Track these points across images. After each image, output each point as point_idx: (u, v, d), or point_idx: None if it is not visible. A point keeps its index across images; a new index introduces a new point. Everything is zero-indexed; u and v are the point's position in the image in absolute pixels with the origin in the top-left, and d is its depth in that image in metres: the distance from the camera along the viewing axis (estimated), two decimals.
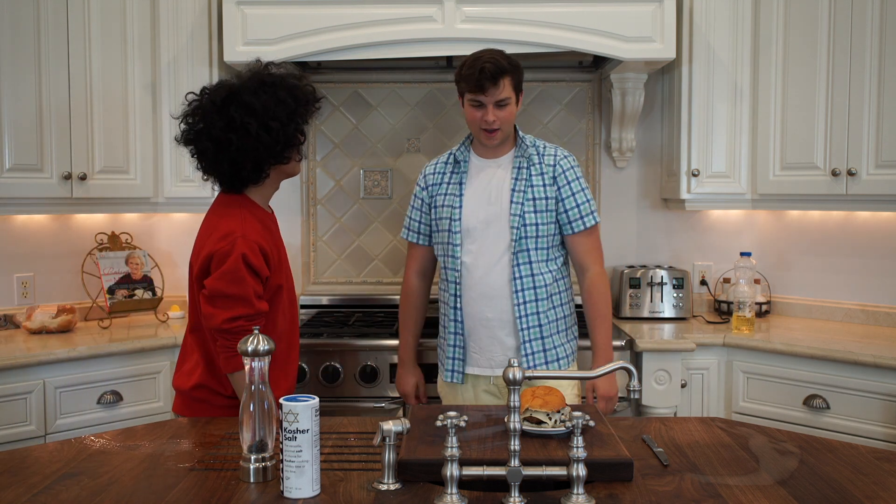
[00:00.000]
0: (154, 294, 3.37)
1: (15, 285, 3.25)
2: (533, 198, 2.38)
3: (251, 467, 1.54)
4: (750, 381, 2.94)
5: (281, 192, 2.31)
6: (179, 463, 1.65)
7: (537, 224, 2.38)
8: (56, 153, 3.03)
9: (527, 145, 2.43)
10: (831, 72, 2.98)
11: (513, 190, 2.39)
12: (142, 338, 2.96)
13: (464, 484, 1.44)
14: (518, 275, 2.37)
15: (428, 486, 1.49)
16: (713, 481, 1.53)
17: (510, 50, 2.41)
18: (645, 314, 3.37)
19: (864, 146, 2.91)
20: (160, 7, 3.20)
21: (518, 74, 2.34)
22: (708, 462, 1.64)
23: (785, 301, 3.47)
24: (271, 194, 2.23)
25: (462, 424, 1.41)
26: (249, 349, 1.52)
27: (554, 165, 2.42)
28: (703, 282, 3.57)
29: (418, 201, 2.56)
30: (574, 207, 2.40)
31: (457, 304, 2.42)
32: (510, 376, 1.42)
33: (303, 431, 1.44)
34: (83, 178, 3.08)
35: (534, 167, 2.41)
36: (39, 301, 3.28)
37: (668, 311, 3.36)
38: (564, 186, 2.41)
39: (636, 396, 1.60)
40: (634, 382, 1.59)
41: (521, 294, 2.37)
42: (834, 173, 2.98)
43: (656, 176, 3.62)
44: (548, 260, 2.41)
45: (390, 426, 1.48)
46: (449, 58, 3.38)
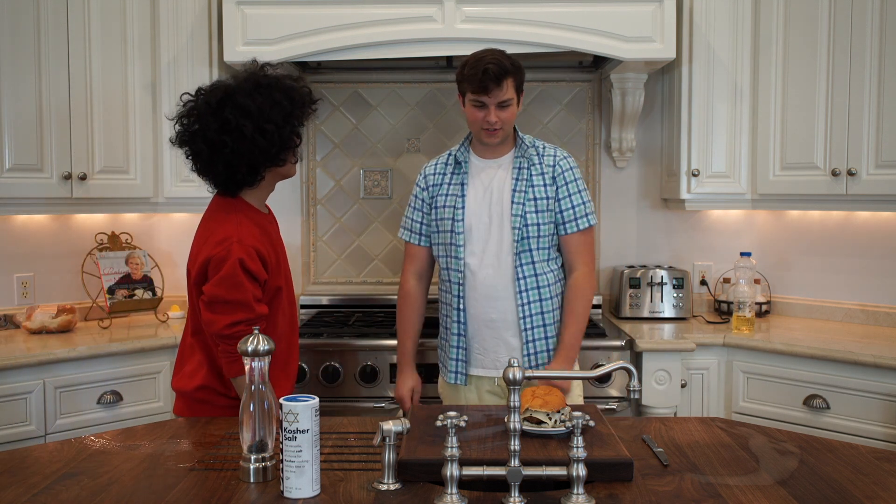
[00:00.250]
0: (154, 294, 3.37)
1: (15, 285, 3.25)
2: (534, 198, 2.37)
3: (251, 467, 1.54)
4: (750, 381, 2.94)
5: (281, 193, 2.31)
6: (179, 463, 1.65)
7: (538, 224, 2.37)
8: (56, 153, 3.03)
9: (526, 145, 2.43)
10: (831, 72, 2.98)
11: (514, 190, 2.38)
12: (142, 338, 2.96)
13: (464, 484, 1.44)
14: (521, 275, 2.37)
15: (428, 486, 1.49)
16: (713, 481, 1.53)
17: (510, 50, 2.41)
18: (645, 314, 3.37)
19: (864, 146, 2.91)
20: (160, 7, 3.20)
21: (520, 75, 2.34)
22: (708, 462, 1.64)
23: (785, 301, 3.47)
24: (267, 195, 2.22)
25: (462, 424, 1.41)
26: (249, 349, 1.52)
27: (554, 165, 2.41)
28: (703, 282, 3.57)
29: (418, 202, 2.53)
30: (570, 208, 2.40)
31: (460, 306, 2.41)
32: (510, 376, 1.42)
33: (303, 431, 1.44)
34: (83, 178, 3.08)
35: (534, 167, 2.40)
36: (39, 301, 3.28)
37: (668, 311, 3.36)
38: (563, 187, 2.40)
39: (636, 396, 1.59)
40: (634, 382, 1.59)
41: (525, 294, 2.37)
42: (834, 173, 2.98)
43: (656, 176, 3.62)
44: (549, 259, 2.40)
45: (390, 426, 1.48)
46: (449, 58, 3.38)
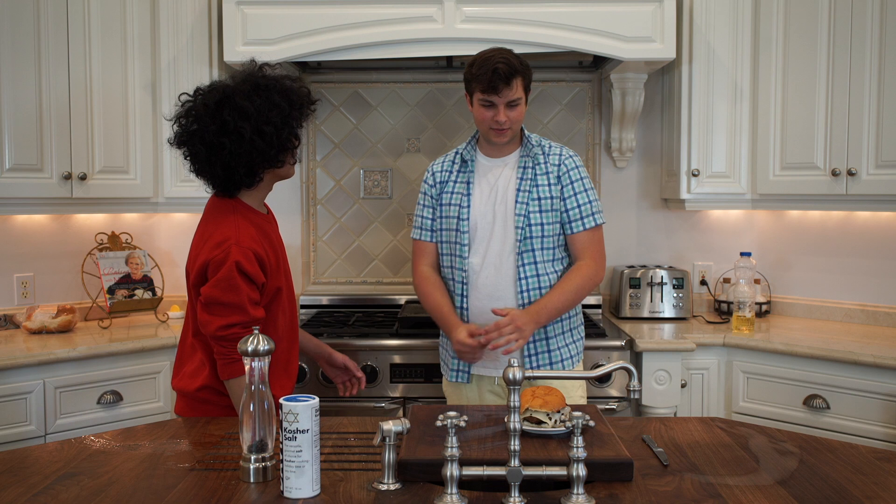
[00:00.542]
0: (154, 294, 3.37)
1: (15, 285, 3.25)
2: (538, 197, 2.37)
3: (251, 467, 1.54)
4: (750, 381, 2.94)
5: (281, 193, 2.30)
6: (179, 463, 1.65)
7: (542, 224, 2.36)
8: (56, 153, 3.03)
9: (532, 145, 2.42)
10: (831, 72, 2.98)
11: (518, 190, 2.37)
12: (142, 338, 2.96)
13: (464, 484, 1.43)
14: (523, 275, 2.36)
15: (428, 486, 1.49)
16: (713, 481, 1.53)
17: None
18: (645, 314, 3.37)
19: (864, 146, 2.91)
20: (160, 7, 3.20)
21: (529, 74, 2.34)
22: (708, 462, 1.64)
23: (785, 301, 3.46)
24: (265, 196, 2.21)
25: (462, 424, 1.41)
26: (249, 349, 1.52)
27: (559, 165, 2.40)
28: (703, 282, 3.57)
29: (428, 199, 2.51)
30: (575, 207, 2.38)
31: (463, 304, 2.41)
32: (510, 376, 1.42)
33: (303, 431, 1.44)
34: (83, 178, 3.08)
35: (539, 167, 2.40)
36: (39, 301, 3.29)
37: (668, 311, 3.36)
38: (567, 186, 2.39)
39: (636, 396, 1.60)
40: (634, 382, 1.59)
41: (526, 294, 2.36)
42: (834, 173, 2.98)
43: (656, 176, 3.62)
44: (553, 260, 2.39)
45: (390, 426, 1.48)
46: (449, 58, 3.38)
